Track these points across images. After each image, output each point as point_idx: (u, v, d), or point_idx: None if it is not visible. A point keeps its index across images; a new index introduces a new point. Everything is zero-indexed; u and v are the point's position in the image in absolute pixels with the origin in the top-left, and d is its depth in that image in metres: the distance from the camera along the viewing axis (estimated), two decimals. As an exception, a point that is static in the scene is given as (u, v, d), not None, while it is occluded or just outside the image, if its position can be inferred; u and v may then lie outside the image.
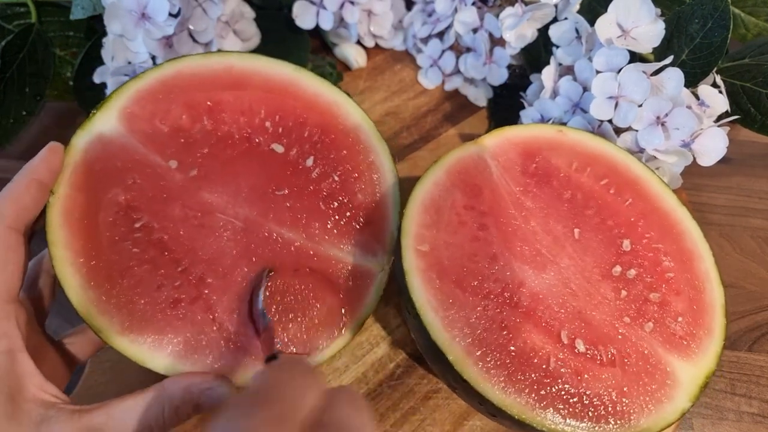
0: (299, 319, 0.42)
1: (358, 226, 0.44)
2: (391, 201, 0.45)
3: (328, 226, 0.44)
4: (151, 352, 0.38)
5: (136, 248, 0.40)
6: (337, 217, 0.44)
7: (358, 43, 0.69)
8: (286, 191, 0.44)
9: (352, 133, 0.46)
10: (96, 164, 0.40)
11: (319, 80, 0.46)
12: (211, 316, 0.40)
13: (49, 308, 0.42)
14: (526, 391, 0.38)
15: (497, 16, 0.60)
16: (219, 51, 0.46)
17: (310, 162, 0.44)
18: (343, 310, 0.43)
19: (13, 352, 0.34)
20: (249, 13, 0.63)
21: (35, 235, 0.39)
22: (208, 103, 0.43)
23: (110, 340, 0.38)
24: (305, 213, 0.43)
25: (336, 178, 0.45)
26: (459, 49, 0.67)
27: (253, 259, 0.42)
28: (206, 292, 0.40)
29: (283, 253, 0.42)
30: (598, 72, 0.51)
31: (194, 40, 0.56)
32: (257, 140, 0.44)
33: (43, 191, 0.38)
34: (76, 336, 0.43)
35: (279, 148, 0.44)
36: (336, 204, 0.44)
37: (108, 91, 0.56)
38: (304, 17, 0.64)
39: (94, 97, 0.57)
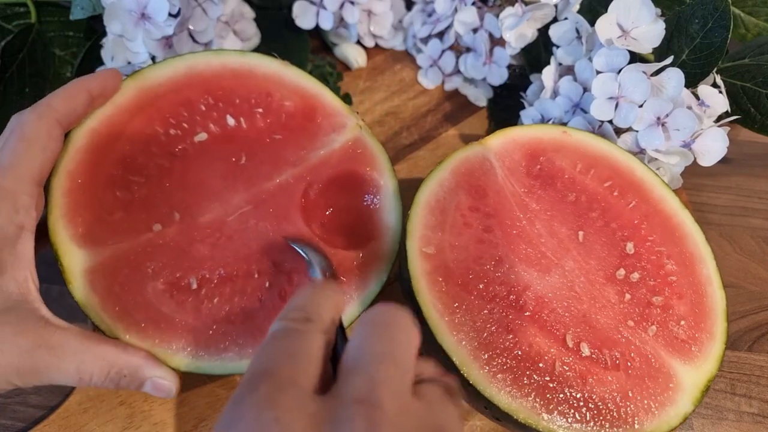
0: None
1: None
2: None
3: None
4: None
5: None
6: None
7: (358, 43, 0.69)
8: (245, 160, 0.43)
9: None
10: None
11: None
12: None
13: None
14: (532, 395, 0.38)
15: (497, 16, 0.60)
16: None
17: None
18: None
19: (23, 230, 0.34)
20: (249, 13, 0.62)
21: None
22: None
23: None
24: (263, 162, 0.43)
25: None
26: (459, 49, 0.66)
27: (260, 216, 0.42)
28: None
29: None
30: (598, 72, 0.51)
31: (194, 41, 0.56)
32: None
33: (92, 102, 0.39)
34: None
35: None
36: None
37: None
38: (304, 17, 0.64)
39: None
